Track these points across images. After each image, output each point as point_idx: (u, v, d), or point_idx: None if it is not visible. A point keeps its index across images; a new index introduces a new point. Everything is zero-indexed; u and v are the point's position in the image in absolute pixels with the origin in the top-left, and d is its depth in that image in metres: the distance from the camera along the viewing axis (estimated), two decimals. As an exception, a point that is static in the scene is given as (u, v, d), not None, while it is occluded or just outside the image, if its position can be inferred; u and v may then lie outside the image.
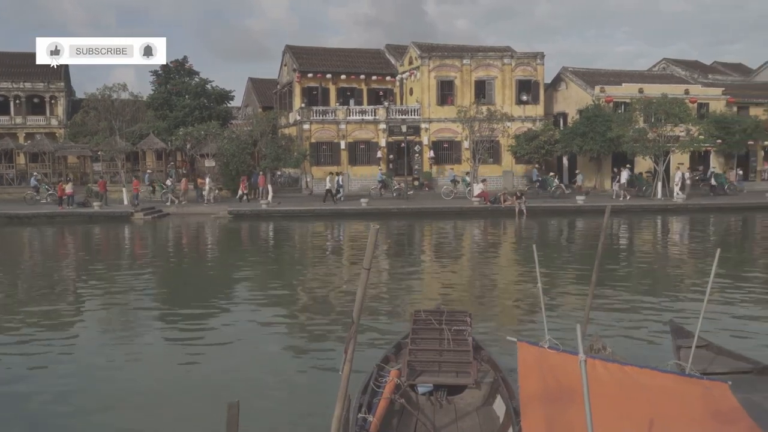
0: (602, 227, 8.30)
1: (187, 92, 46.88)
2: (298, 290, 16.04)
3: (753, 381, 7.04)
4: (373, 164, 42.07)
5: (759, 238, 25.99)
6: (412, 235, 27.97)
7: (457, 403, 7.00)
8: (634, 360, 7.76)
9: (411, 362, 7.39)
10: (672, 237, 26.95)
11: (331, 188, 35.52)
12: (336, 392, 5.01)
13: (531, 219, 30.35)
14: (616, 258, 20.03)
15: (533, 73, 43.55)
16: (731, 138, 39.77)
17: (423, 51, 43.35)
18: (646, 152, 35.79)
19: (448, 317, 8.21)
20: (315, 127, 41.95)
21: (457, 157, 42.46)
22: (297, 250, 23.43)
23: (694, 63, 58.96)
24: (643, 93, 39.84)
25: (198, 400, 8.44)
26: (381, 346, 9.68)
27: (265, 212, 32.25)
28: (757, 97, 46.04)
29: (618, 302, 13.62)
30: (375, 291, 15.03)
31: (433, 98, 42.64)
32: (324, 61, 46.92)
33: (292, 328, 12.35)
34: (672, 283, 16.40)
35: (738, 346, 9.20)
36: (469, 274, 18.40)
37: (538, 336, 7.92)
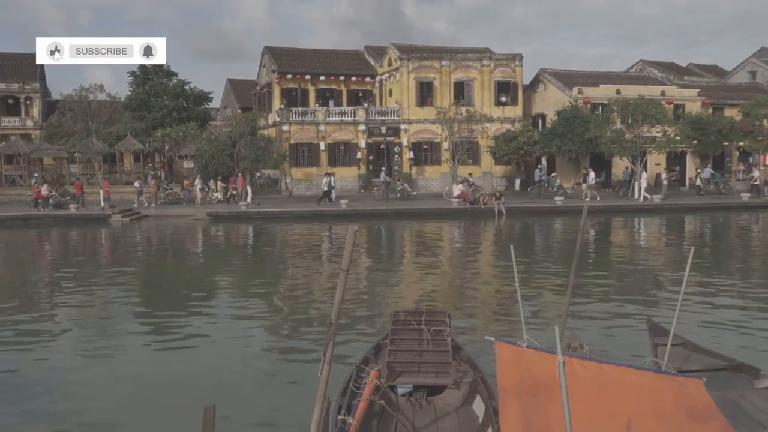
0: (580, 227, 8.36)
1: (165, 93, 46.53)
2: (277, 292, 15.98)
3: (728, 378, 7.13)
4: (352, 165, 42.06)
5: (734, 237, 26.35)
6: (392, 236, 27.99)
7: (437, 403, 7.01)
8: (612, 358, 7.84)
9: (390, 363, 7.39)
10: (649, 236, 27.23)
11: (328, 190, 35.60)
12: (315, 394, 5.00)
13: (510, 219, 30.51)
14: (593, 257, 20.21)
15: (512, 75, 43.79)
16: (707, 139, 40.26)
17: (402, 52, 43.42)
18: (623, 153, 36.16)
19: (427, 318, 8.22)
20: (294, 129, 41.84)
21: (437, 159, 42.58)
22: (276, 252, 23.34)
23: (670, 65, 59.66)
24: (620, 94, 40.22)
25: (175, 402, 8.37)
26: (360, 347, 9.66)
27: (244, 214, 32.10)
28: (732, 98, 46.66)
29: (596, 301, 13.72)
30: (354, 292, 15.01)
31: (412, 99, 42.71)
32: (303, 62, 46.81)
33: (271, 329, 12.30)
34: (649, 281, 16.57)
35: (713, 343, 9.32)
36: (449, 274, 18.44)
37: (517, 335, 7.96)
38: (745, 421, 5.87)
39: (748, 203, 34.78)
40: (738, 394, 6.54)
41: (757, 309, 13.08)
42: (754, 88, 49.05)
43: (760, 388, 6.70)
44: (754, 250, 22.51)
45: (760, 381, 6.82)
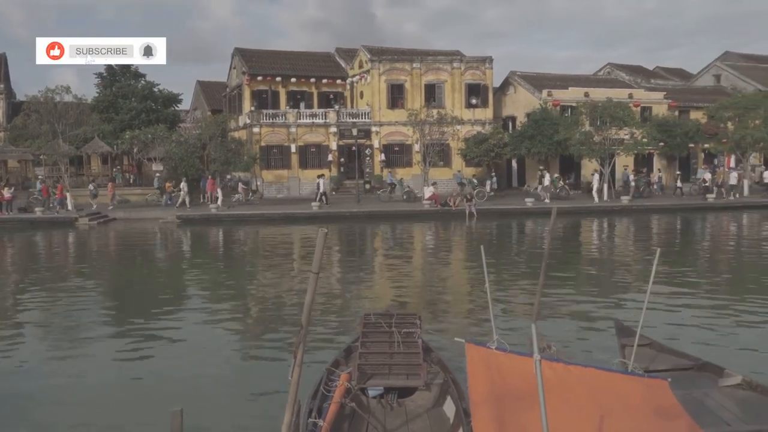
0: (549, 229, 8.44)
1: (133, 95, 45.94)
2: (248, 295, 15.88)
3: (693, 377, 7.24)
4: (324, 168, 41.96)
5: (699, 238, 26.82)
6: (364, 238, 27.98)
7: (408, 405, 7.01)
8: (581, 359, 7.93)
9: (361, 365, 7.37)
10: (617, 237, 27.59)
11: (326, 191, 35.56)
12: (285, 397, 4.97)
13: (481, 221, 30.68)
14: (563, 258, 20.41)
15: (482, 77, 44.09)
16: (673, 141, 40.98)
17: (373, 54, 43.45)
18: (592, 155, 36.63)
19: (398, 320, 8.22)
20: (265, 131, 41.63)
21: (408, 161, 42.69)
22: (247, 255, 23.19)
23: (638, 68, 60.51)
24: (588, 97, 40.74)
25: (143, 408, 8.26)
26: (331, 349, 9.64)
27: (214, 216, 31.85)
28: (697, 101, 47.53)
29: (565, 302, 13.86)
30: (326, 294, 14.98)
31: (383, 102, 42.77)
32: (274, 63, 46.60)
33: (241, 333, 12.22)
34: (617, 282, 16.77)
35: (679, 343, 9.47)
36: (420, 276, 18.49)
37: (488, 337, 8.00)
38: (710, 419, 5.97)
39: (714, 204, 35.42)
40: (703, 392, 6.66)
41: (721, 308, 13.31)
42: (719, 91, 50.00)
43: (725, 386, 6.82)
44: (718, 250, 22.91)
45: (724, 379, 6.94)
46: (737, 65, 54.77)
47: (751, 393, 6.65)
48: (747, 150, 38.89)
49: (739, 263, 20.16)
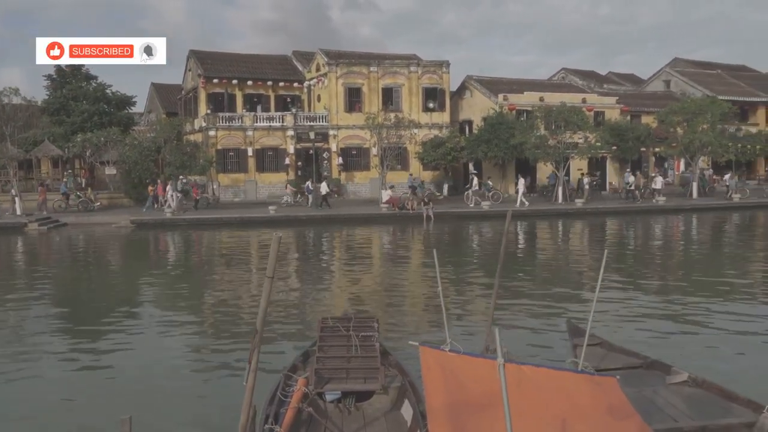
0: (504, 232, 8.55)
1: (85, 97, 45.06)
2: (203, 300, 15.69)
3: (642, 375, 7.43)
4: (281, 171, 41.77)
5: (649, 239, 27.47)
6: (321, 241, 27.90)
7: (366, 409, 7.02)
8: (534, 359, 8.04)
9: (318, 370, 7.36)
10: (571, 239, 28.07)
11: (327, 194, 35.45)
12: (241, 403, 4.94)
13: (438, 224, 30.87)
14: (518, 261, 20.68)
15: (439, 81, 44.41)
16: (625, 144, 41.87)
17: (330, 58, 43.41)
18: (547, 158, 37.19)
19: (355, 323, 8.23)
20: (221, 134, 41.23)
21: (366, 164, 42.74)
22: (202, 259, 22.92)
23: (591, 73, 61.71)
24: (543, 101, 41.37)
25: (92, 414, 8.12)
26: (289, 354, 9.59)
27: (169, 221, 31.38)
28: (648, 106, 48.68)
29: (519, 303, 14.03)
30: (283, 299, 14.91)
31: (341, 105, 42.76)
32: (230, 66, 46.18)
33: (196, 338, 12.06)
34: (570, 283, 17.06)
35: (630, 342, 9.69)
36: (378, 279, 18.51)
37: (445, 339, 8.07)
38: (659, 416, 6.13)
39: (664, 206, 36.28)
40: (652, 390, 6.83)
41: (669, 307, 13.67)
42: (669, 96, 51.27)
43: (672, 384, 7.01)
44: (667, 251, 23.49)
45: (671, 377, 7.14)
46: (686, 71, 56.28)
47: (697, 389, 6.85)
48: (695, 154, 39.97)
49: (683, 263, 20.70)
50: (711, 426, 5.94)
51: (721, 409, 6.32)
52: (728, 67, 60.41)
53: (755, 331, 11.74)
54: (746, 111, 52.24)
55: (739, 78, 56.71)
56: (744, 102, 51.63)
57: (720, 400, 6.53)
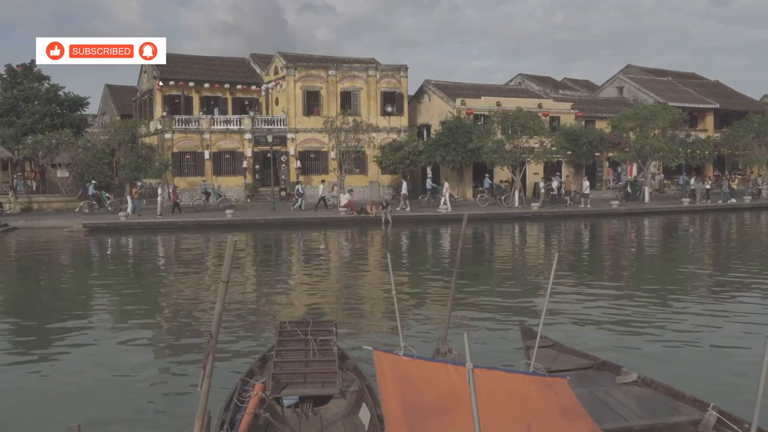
0: (460, 236, 8.66)
1: (36, 98, 43.95)
2: (157, 305, 15.45)
3: (593, 376, 7.60)
4: (238, 175, 41.42)
5: (601, 242, 28.02)
6: (279, 245, 27.75)
7: (323, 413, 7.02)
8: (489, 362, 8.14)
9: (276, 375, 7.33)
10: (527, 243, 28.45)
11: (325, 196, 35.45)
12: (196, 410, 4.90)
13: (397, 228, 30.98)
14: (474, 264, 20.88)
15: (397, 85, 44.59)
16: (580, 149, 42.60)
17: (289, 61, 43.25)
18: (504, 162, 37.65)
19: (313, 328, 8.22)
20: (177, 137, 40.72)
21: (324, 168, 42.65)
22: (157, 264, 22.58)
23: (547, 79, 62.68)
24: (500, 106, 41.84)
25: (41, 423, 7.94)
26: (246, 359, 9.53)
27: (124, 225, 30.82)
28: (602, 111, 49.65)
29: (474, 306, 14.19)
30: (240, 303, 14.80)
31: (299, 108, 42.61)
32: (186, 68, 45.64)
33: (149, 344, 11.88)
34: (525, 286, 17.29)
35: (581, 343, 9.90)
36: (336, 283, 18.51)
37: (408, 342, 8.13)
38: (609, 415, 6.28)
39: (617, 210, 37.04)
40: (603, 390, 6.99)
41: (619, 308, 13.98)
42: (621, 102, 52.36)
43: (622, 384, 7.19)
44: (618, 254, 23.99)
45: (621, 377, 7.32)
46: (638, 78, 57.54)
47: (646, 389, 7.04)
48: (647, 159, 40.92)
49: (635, 266, 21.18)
50: (660, 424, 6.10)
51: (669, 408, 6.51)
52: (678, 75, 62.00)
53: (699, 330, 12.10)
54: (695, 117, 53.71)
55: (689, 85, 58.26)
56: (693, 108, 53.06)
57: (668, 399, 6.72)
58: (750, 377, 8.88)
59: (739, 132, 47.02)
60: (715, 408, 6.09)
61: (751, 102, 59.33)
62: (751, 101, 59.64)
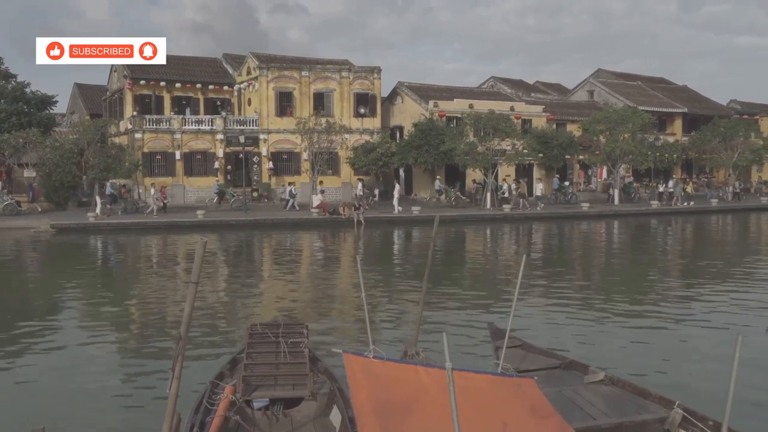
0: (432, 237, 8.69)
1: (2, 96, 43.16)
2: (125, 307, 15.25)
3: (561, 375, 7.69)
4: (210, 175, 41.08)
5: (573, 243, 28.34)
6: (251, 247, 27.60)
7: (294, 416, 6.99)
8: (458, 363, 8.17)
9: (246, 377, 7.29)
10: (499, 244, 28.65)
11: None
12: (165, 413, 4.86)
13: (369, 229, 30.99)
14: (446, 265, 20.97)
15: (370, 87, 44.60)
16: (551, 152, 43.04)
17: (261, 61, 43.02)
18: (476, 164, 37.88)
19: (284, 330, 8.20)
20: (148, 137, 40.26)
21: (296, 169, 42.49)
22: (127, 265, 22.31)
23: (519, 82, 63.19)
24: (473, 108, 42.12)
25: (5, 425, 7.81)
26: (217, 362, 9.46)
27: (92, 225, 30.39)
28: (573, 114, 50.22)
29: (446, 308, 14.26)
30: (211, 305, 14.69)
31: (272, 109, 42.40)
32: (157, 68, 44.90)
33: (119, 346, 11.75)
34: (495, 287, 17.41)
35: (550, 343, 10.01)
36: (308, 285, 18.46)
37: (379, 344, 8.14)
38: (577, 414, 6.35)
39: (588, 212, 37.46)
40: (571, 389, 7.08)
41: (587, 308, 14.15)
42: (592, 106, 52.99)
43: (590, 383, 7.28)
44: (589, 255, 24.28)
45: (589, 376, 7.42)
46: (608, 82, 58.28)
47: (613, 388, 7.15)
48: (617, 162, 41.47)
49: (603, 267, 21.45)
50: (627, 422, 6.19)
51: (636, 406, 6.61)
52: (648, 79, 62.90)
53: (667, 329, 12.31)
54: (664, 121, 54.52)
55: (658, 90, 59.14)
56: (662, 113, 53.88)
57: (634, 397, 6.83)
58: (717, 375, 9.07)
59: (706, 136, 47.88)
60: (680, 406, 6.20)
61: (718, 107, 60.43)
62: (718, 106, 60.75)
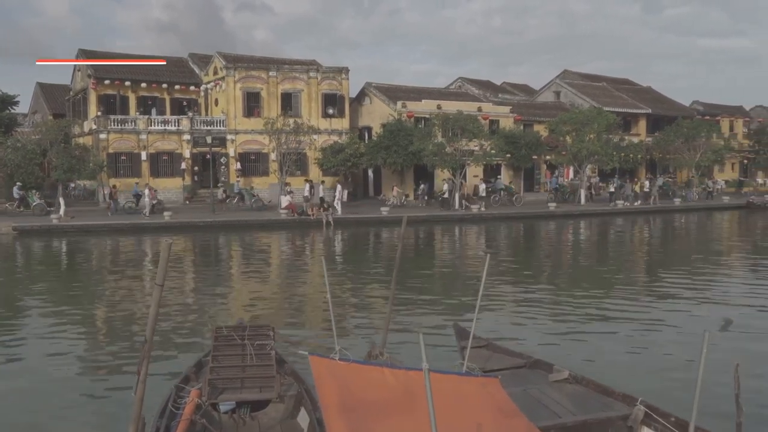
0: (400, 237, 8.71)
1: (-39, 96, 42.30)
2: (90, 310, 15.02)
3: (526, 374, 7.76)
4: (176, 176, 40.65)
5: (538, 242, 28.64)
6: (219, 248, 27.37)
7: (261, 418, 6.95)
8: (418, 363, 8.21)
9: (212, 380, 7.22)
10: (466, 244, 28.81)
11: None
12: (130, 417, 4.81)
13: (338, 229, 30.95)
14: (413, 265, 21.03)
15: (339, 87, 44.55)
16: (518, 152, 43.44)
17: (228, 61, 42.69)
18: (444, 165, 38.06)
19: (250, 332, 8.14)
20: (113, 137, 39.69)
21: (264, 169, 42.26)
22: (91, 268, 21.96)
23: (486, 83, 63.66)
24: (441, 109, 42.31)
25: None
26: (182, 365, 9.36)
27: (56, 227, 29.85)
28: (540, 115, 50.73)
29: (412, 307, 14.30)
30: (177, 308, 14.54)
31: (239, 109, 42.11)
32: (122, 67, 44.51)
33: (83, 349, 11.56)
34: (462, 286, 17.48)
35: (514, 342, 10.11)
36: (275, 287, 18.37)
37: (345, 345, 8.13)
38: (543, 413, 6.42)
39: (554, 212, 37.87)
40: (536, 388, 7.15)
41: (551, 307, 14.33)
42: (558, 106, 53.59)
43: (554, 382, 7.37)
44: (554, 254, 24.55)
45: (553, 375, 7.50)
46: (574, 83, 59.01)
47: (577, 386, 7.24)
48: (583, 162, 42.01)
49: (567, 266, 21.72)
50: (591, 420, 6.28)
51: (600, 404, 6.70)
52: (613, 80, 63.83)
53: (631, 326, 12.52)
54: (629, 122, 55.40)
55: (623, 91, 60.05)
56: (627, 113, 54.74)
57: (598, 395, 6.93)
58: (682, 372, 9.25)
59: (670, 136, 48.76)
60: (643, 402, 6.31)
61: (681, 108, 61.56)
62: (681, 107, 61.88)
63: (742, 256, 24.20)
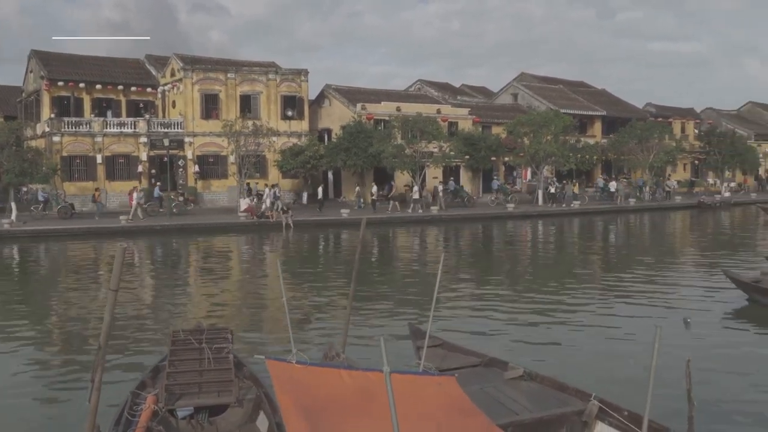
0: (359, 240, 8.75)
1: None
2: (42, 316, 14.69)
3: (482, 372, 7.87)
4: (133, 179, 39.97)
5: (494, 243, 28.97)
6: (176, 252, 27.02)
7: (219, 423, 6.91)
8: (379, 364, 8.27)
9: (169, 386, 7.14)
10: (422, 245, 28.97)
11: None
12: (84, 425, 4.75)
13: (298, 232, 30.84)
14: (372, 267, 21.09)
15: (298, 90, 44.40)
16: (477, 154, 43.86)
17: (186, 63, 42.19)
18: (404, 167, 38.22)
19: (208, 336, 8.09)
20: (67, 140, 38.87)
21: (223, 172, 41.87)
22: (44, 273, 21.49)
23: (445, 85, 64.05)
24: (400, 111, 42.49)
25: None
26: (138, 371, 9.24)
27: (7, 233, 29.09)
28: (498, 117, 51.23)
29: (371, 307, 14.36)
30: (133, 313, 14.33)
31: (197, 111, 41.63)
32: (77, 68, 43.68)
33: (35, 356, 11.30)
34: (419, 287, 17.55)
35: (469, 341, 10.22)
36: (233, 290, 18.21)
37: (302, 348, 8.11)
38: (500, 410, 6.52)
39: (512, 213, 38.33)
40: (492, 386, 7.26)
41: (505, 305, 14.52)
42: (516, 108, 54.23)
43: (510, 379, 7.49)
44: (511, 254, 24.86)
45: (508, 372, 7.63)
46: (531, 85, 59.79)
47: (532, 383, 7.37)
48: (540, 163, 42.61)
49: (523, 265, 22.02)
50: (547, 416, 6.40)
51: (555, 400, 6.83)
52: (569, 83, 64.85)
53: (578, 324, 12.79)
54: (585, 124, 56.34)
55: (579, 93, 61.06)
56: (583, 115, 55.65)
57: (553, 391, 7.06)
58: (636, 367, 9.47)
59: (624, 138, 49.74)
60: (596, 398, 6.45)
61: (635, 110, 62.84)
62: (634, 109, 63.17)
63: (694, 253, 24.84)
